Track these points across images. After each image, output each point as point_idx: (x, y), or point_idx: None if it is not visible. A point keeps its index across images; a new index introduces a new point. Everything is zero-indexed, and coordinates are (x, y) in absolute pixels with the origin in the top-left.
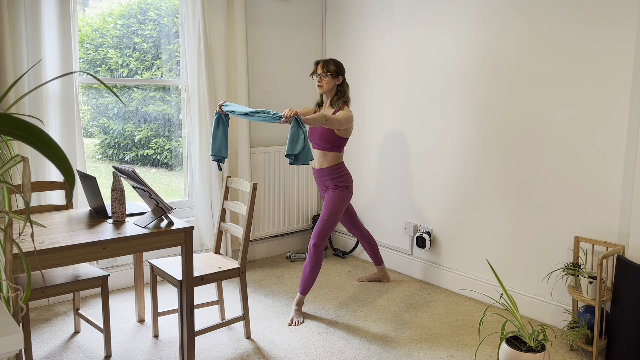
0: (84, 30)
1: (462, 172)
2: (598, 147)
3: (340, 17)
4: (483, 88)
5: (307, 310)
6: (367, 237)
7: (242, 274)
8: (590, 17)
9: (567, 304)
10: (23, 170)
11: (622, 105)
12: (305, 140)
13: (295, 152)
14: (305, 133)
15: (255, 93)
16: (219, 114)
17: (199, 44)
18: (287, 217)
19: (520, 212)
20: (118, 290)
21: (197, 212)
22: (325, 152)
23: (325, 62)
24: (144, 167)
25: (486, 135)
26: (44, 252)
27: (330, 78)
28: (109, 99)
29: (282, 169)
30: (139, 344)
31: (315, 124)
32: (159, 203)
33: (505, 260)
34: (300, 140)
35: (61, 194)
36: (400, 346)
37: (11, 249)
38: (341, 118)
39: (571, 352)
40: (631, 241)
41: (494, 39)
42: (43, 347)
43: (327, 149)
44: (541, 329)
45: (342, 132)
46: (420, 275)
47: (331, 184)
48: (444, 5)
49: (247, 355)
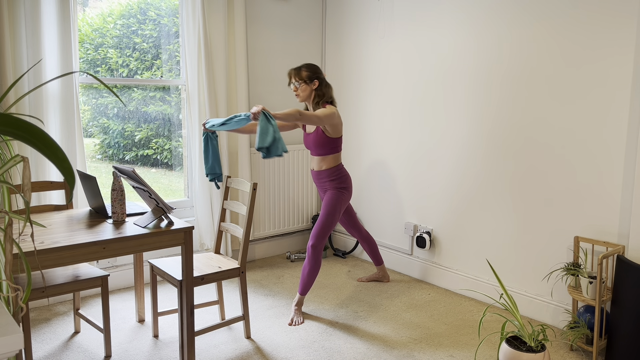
0: (84, 30)
1: (462, 172)
2: (598, 147)
3: (340, 17)
4: (483, 88)
5: (307, 310)
6: (366, 238)
7: (242, 274)
8: (590, 17)
9: (567, 304)
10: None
11: (622, 105)
12: (275, 132)
13: (266, 145)
14: (274, 126)
15: (255, 93)
16: (205, 133)
17: (199, 44)
18: (287, 217)
19: (520, 212)
20: (118, 290)
21: (197, 212)
22: (324, 157)
23: (297, 70)
24: (144, 167)
25: (486, 135)
26: (44, 252)
27: (305, 85)
28: (109, 99)
29: (282, 169)
30: (139, 344)
31: (289, 119)
32: (159, 203)
33: (505, 260)
34: (270, 132)
35: (61, 194)
36: (400, 346)
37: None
38: (319, 114)
39: (571, 352)
40: (631, 241)
41: (494, 39)
42: (43, 347)
43: (325, 154)
44: (541, 329)
45: (331, 132)
46: (420, 275)
47: (329, 186)
48: (444, 6)
49: (247, 355)
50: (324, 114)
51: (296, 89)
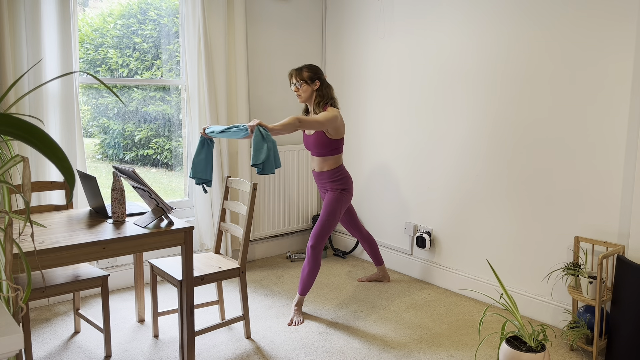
0: (84, 30)
1: (462, 172)
2: (598, 147)
3: (340, 17)
4: (483, 88)
5: (307, 310)
6: (367, 238)
7: (242, 274)
8: (590, 17)
9: (567, 304)
10: (23, 170)
11: (622, 106)
12: (269, 149)
13: (259, 162)
14: (270, 142)
15: (255, 93)
16: (203, 138)
17: (199, 44)
18: (287, 217)
19: (520, 212)
20: (118, 290)
21: (197, 212)
22: (325, 158)
23: (298, 71)
24: (144, 167)
25: (486, 135)
26: (44, 252)
27: (307, 85)
28: (109, 99)
29: (282, 169)
30: (139, 344)
31: (288, 129)
32: (159, 203)
33: (505, 260)
34: (264, 149)
35: (61, 194)
36: (400, 346)
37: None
38: (321, 118)
39: (571, 352)
40: (631, 241)
41: (494, 39)
42: (43, 347)
43: (326, 154)
44: (541, 329)
45: (332, 133)
46: (420, 275)
47: (330, 187)
48: (444, 6)
49: (247, 355)
50: (325, 117)
51: (297, 89)
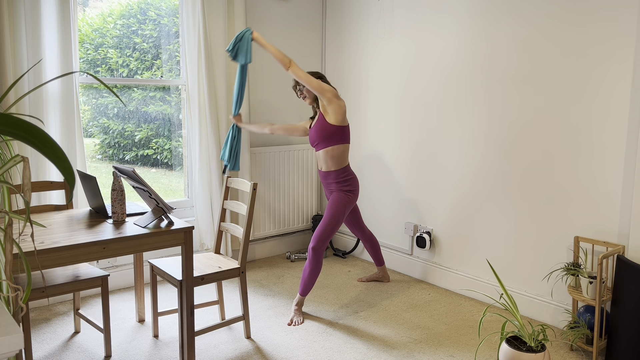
0: (84, 30)
1: (462, 172)
2: (598, 147)
3: (341, 17)
4: (483, 88)
5: (307, 310)
6: (369, 238)
7: (242, 274)
8: (590, 17)
9: (567, 304)
10: (23, 170)
11: (622, 105)
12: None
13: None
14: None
15: (255, 93)
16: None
17: (199, 44)
18: (287, 217)
19: (520, 212)
20: (118, 290)
21: (197, 212)
22: (330, 152)
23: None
24: (144, 167)
25: (486, 135)
26: (44, 252)
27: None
28: (109, 99)
29: (282, 169)
30: (139, 344)
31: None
32: (159, 203)
33: (505, 260)
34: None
35: (61, 194)
36: (400, 346)
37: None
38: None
39: (571, 352)
40: (631, 241)
41: (494, 39)
42: (43, 347)
43: (331, 144)
44: (541, 329)
45: (333, 118)
46: (420, 275)
47: (336, 188)
48: (444, 5)
49: (247, 355)
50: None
51: (302, 92)
